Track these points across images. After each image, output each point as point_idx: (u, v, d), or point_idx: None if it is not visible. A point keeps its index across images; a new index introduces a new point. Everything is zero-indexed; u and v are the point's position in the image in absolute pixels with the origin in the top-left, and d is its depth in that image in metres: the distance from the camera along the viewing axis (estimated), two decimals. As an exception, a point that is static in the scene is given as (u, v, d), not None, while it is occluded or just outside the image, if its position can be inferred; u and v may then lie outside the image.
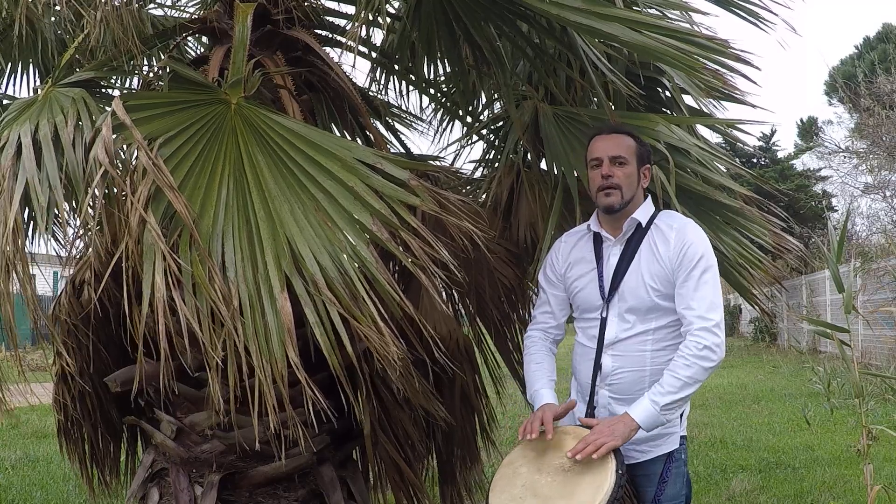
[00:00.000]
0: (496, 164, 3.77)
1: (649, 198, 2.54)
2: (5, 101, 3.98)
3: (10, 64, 4.01)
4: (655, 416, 2.28)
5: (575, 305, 2.60)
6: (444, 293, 3.42)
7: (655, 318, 2.42)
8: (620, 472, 2.20)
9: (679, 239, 2.41)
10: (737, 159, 4.17)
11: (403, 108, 4.13)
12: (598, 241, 2.54)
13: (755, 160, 24.56)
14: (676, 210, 3.04)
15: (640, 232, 2.47)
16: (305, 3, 3.16)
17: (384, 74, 3.92)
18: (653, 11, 3.15)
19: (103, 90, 3.28)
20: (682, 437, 2.49)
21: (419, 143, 13.92)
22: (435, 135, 4.29)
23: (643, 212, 2.48)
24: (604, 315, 2.47)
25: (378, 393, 2.93)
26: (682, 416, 2.47)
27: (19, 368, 2.37)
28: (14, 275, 2.28)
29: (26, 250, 2.41)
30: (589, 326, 2.53)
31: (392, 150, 3.54)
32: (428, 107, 4.30)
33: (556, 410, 2.38)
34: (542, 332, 2.66)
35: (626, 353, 2.43)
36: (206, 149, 2.54)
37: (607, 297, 2.46)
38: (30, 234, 2.96)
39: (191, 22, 3.20)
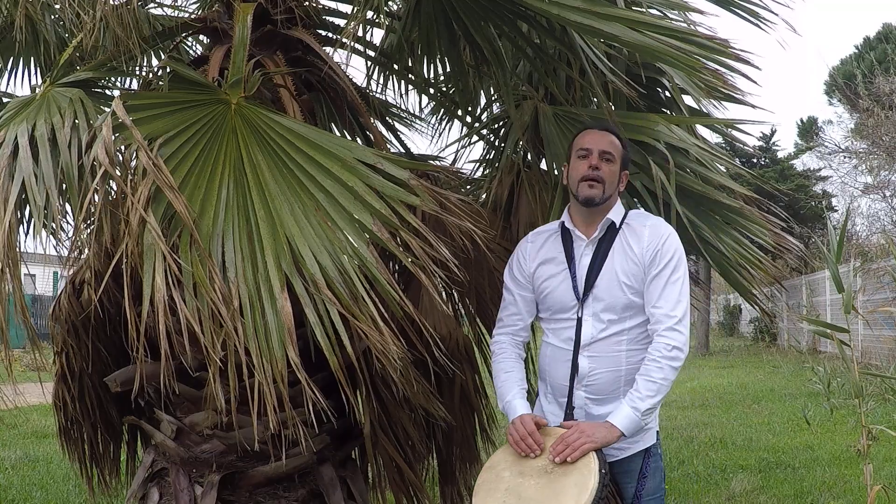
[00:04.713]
0: (496, 164, 3.77)
1: (619, 200, 2.56)
2: (5, 100, 3.98)
3: (10, 61, 4.00)
4: (637, 422, 2.32)
5: (545, 307, 2.56)
6: (444, 293, 3.42)
7: (630, 318, 2.44)
8: (604, 471, 2.22)
9: (653, 235, 2.44)
10: (737, 159, 4.18)
11: (403, 107, 4.13)
12: (567, 240, 2.54)
13: (755, 160, 24.53)
14: (677, 210, 3.05)
15: (612, 232, 2.49)
16: (306, 3, 3.16)
17: (384, 74, 3.92)
18: (653, 11, 3.15)
19: (102, 90, 3.27)
20: (656, 432, 2.53)
21: (419, 143, 13.92)
22: (435, 135, 4.30)
23: (616, 213, 2.51)
24: (579, 315, 2.46)
25: (378, 393, 2.93)
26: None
27: (9, 370, 2.36)
28: (8, 276, 2.28)
29: (27, 250, 2.40)
30: (561, 328, 2.51)
31: (392, 150, 3.54)
32: (427, 106, 4.31)
33: (537, 421, 2.38)
34: (510, 337, 2.63)
35: (602, 354, 2.44)
36: (206, 149, 2.54)
37: (581, 298, 2.45)
38: (31, 234, 2.95)
39: (191, 22, 3.20)
